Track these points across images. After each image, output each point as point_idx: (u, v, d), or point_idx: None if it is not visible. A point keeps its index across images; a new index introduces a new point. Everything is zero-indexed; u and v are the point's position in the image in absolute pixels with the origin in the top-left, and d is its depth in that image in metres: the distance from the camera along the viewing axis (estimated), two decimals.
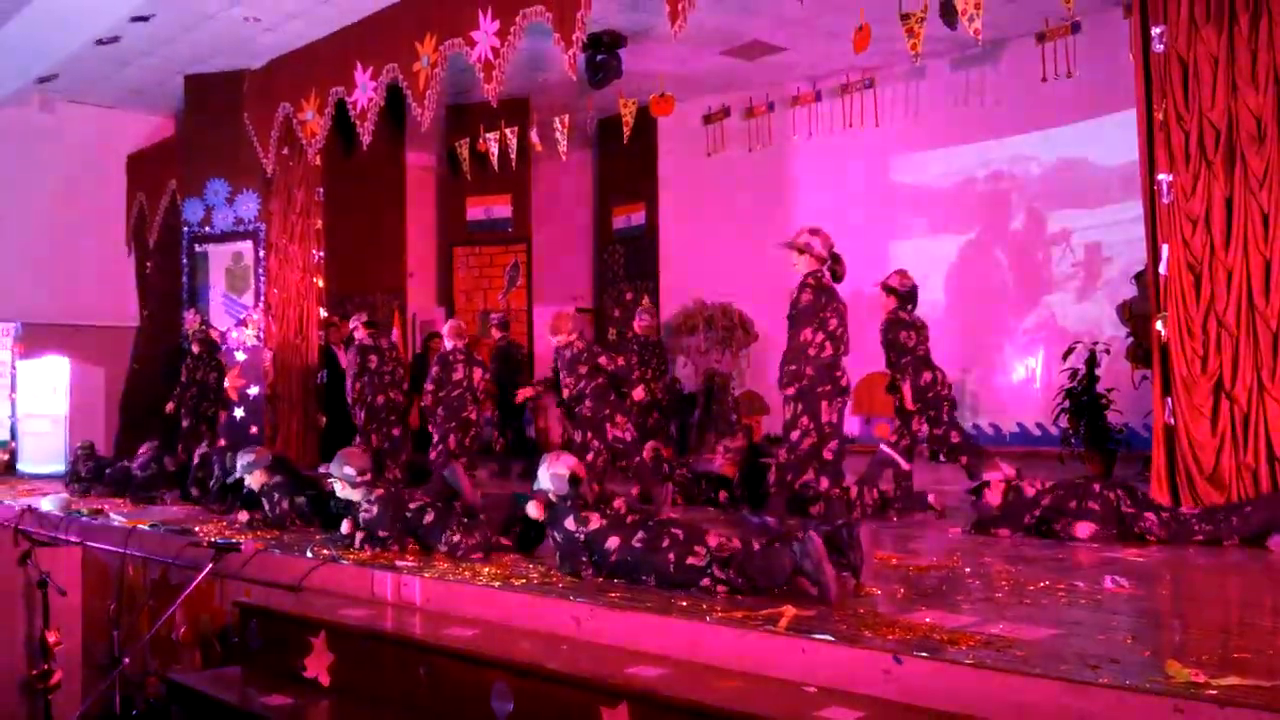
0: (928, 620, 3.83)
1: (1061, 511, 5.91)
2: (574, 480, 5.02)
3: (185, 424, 11.33)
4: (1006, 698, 3.11)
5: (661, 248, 15.57)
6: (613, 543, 4.78)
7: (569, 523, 4.92)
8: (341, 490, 6.06)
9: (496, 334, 12.14)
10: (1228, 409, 6.28)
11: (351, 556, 5.72)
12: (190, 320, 13.16)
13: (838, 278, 6.85)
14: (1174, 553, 5.42)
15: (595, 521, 4.88)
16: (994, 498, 6.17)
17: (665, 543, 4.64)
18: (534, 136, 13.07)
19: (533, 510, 5.16)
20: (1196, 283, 6.43)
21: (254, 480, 7.12)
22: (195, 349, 12.17)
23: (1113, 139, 10.88)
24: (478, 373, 9.67)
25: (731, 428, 12.11)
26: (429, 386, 9.57)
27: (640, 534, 4.73)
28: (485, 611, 4.75)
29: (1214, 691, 2.87)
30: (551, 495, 5.06)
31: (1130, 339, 9.79)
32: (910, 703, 3.29)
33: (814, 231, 6.88)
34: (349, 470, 6.04)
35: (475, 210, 15.60)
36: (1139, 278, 9.24)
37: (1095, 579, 4.58)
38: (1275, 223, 6.12)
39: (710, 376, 13.25)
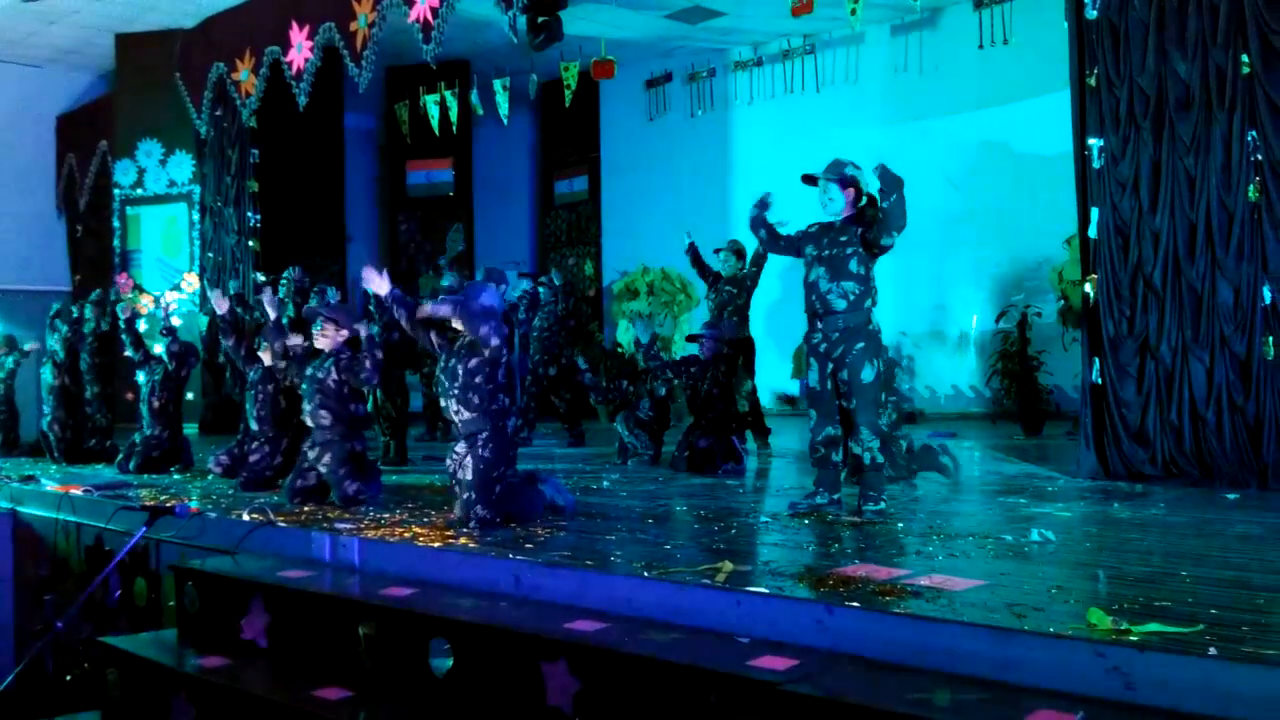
0: (860, 573, 3.91)
1: None
2: None
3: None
4: (936, 645, 3.19)
5: (604, 212, 15.56)
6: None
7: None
8: None
9: None
10: (1153, 368, 6.45)
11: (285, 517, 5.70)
12: (123, 284, 12.93)
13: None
14: (1099, 508, 5.57)
15: None
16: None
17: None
18: (474, 99, 12.95)
19: None
20: (1125, 245, 6.57)
21: None
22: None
23: (1047, 105, 11.01)
24: None
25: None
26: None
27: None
28: (423, 571, 4.75)
29: (1135, 638, 2.96)
30: None
31: (1061, 301, 10.00)
32: (843, 652, 3.36)
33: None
34: None
35: (416, 174, 15.45)
36: (1069, 241, 9.42)
37: (1022, 532, 4.70)
38: (1202, 187, 6.26)
39: (652, 340, 13.29)
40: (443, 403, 5.57)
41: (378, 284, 5.80)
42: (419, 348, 10.34)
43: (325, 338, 6.45)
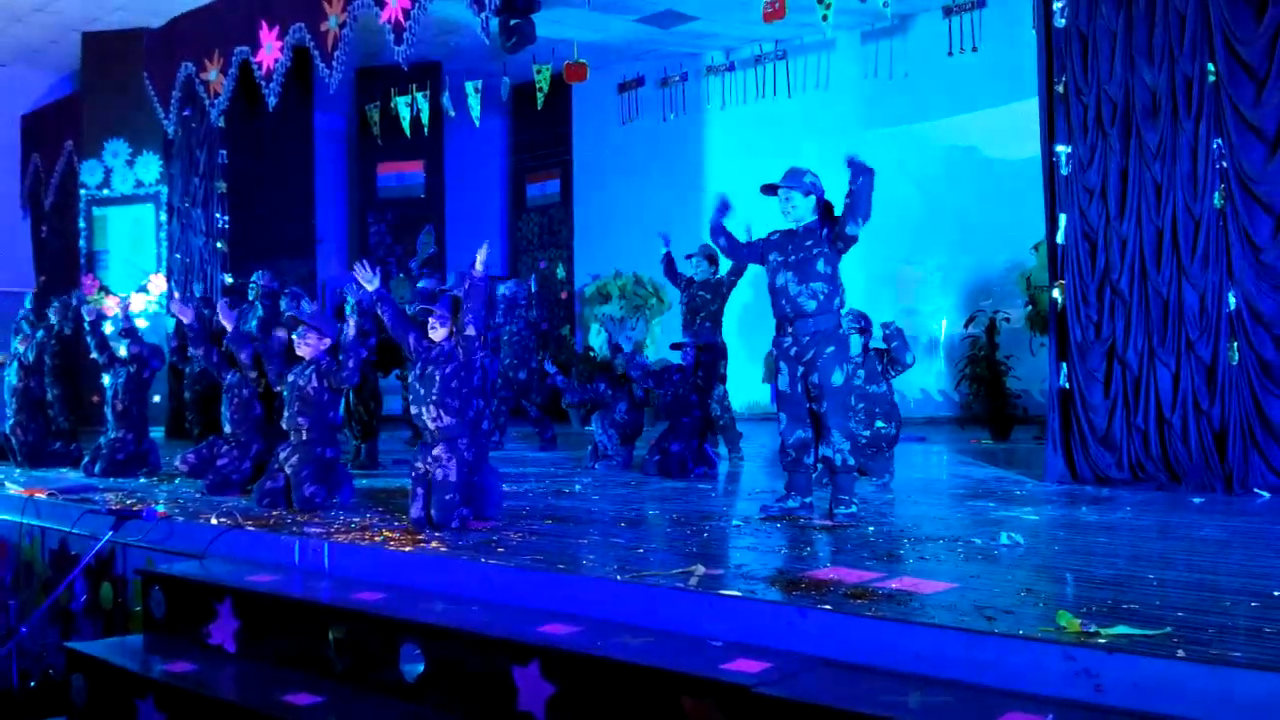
0: (832, 576, 3.92)
1: None
2: None
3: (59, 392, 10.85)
4: (907, 648, 3.21)
5: (576, 215, 15.55)
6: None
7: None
8: None
9: None
10: (1120, 373, 6.51)
11: (254, 522, 5.65)
12: (89, 286, 12.79)
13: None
14: (1067, 511, 5.62)
15: None
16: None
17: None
18: (446, 101, 12.92)
19: None
20: (1092, 251, 6.64)
21: None
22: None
23: (1015, 112, 11.11)
24: None
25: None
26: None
27: None
28: (394, 575, 4.73)
29: (1103, 640, 2.99)
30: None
31: (1029, 307, 10.08)
32: (815, 655, 3.37)
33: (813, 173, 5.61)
34: None
35: (387, 175, 15.39)
36: (1038, 247, 9.50)
37: (991, 535, 4.73)
38: (1168, 194, 6.33)
39: (634, 349, 13.33)
40: (414, 409, 5.58)
41: (367, 281, 5.84)
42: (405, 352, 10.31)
43: (307, 346, 6.47)
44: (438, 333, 5.56)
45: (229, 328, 7.10)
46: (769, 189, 5.59)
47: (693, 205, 13.97)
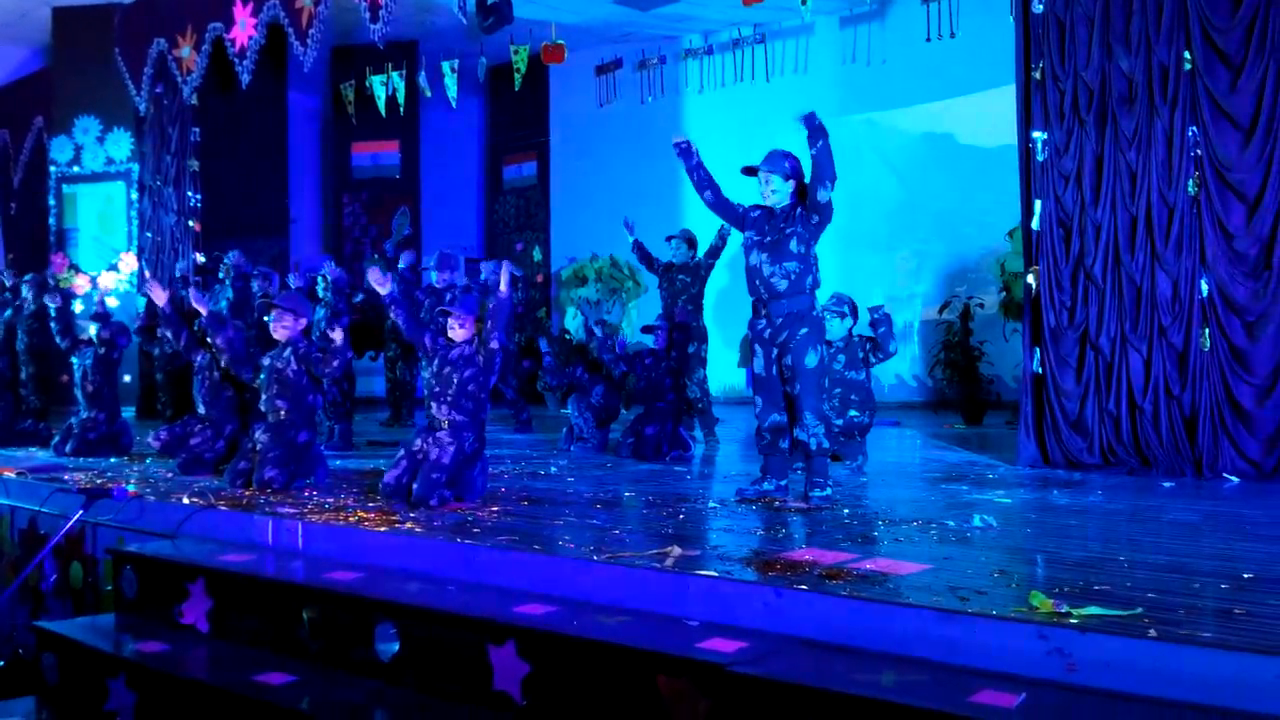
0: (808, 557, 3.94)
1: None
2: None
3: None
4: (882, 628, 3.23)
5: (553, 198, 15.50)
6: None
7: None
8: None
9: None
10: (1093, 359, 6.56)
11: (226, 501, 5.62)
12: (59, 264, 12.65)
13: None
14: (1039, 495, 5.66)
15: None
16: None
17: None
18: (422, 81, 12.83)
19: None
20: (1066, 237, 6.67)
21: None
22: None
23: (993, 98, 11.14)
24: None
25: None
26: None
27: None
28: (369, 555, 4.71)
29: (1075, 621, 3.01)
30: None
31: (1003, 293, 10.13)
32: (790, 634, 3.38)
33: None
34: None
35: (361, 155, 15.27)
36: (1012, 234, 9.55)
37: (964, 518, 4.76)
38: (1143, 181, 6.37)
39: (606, 336, 13.30)
40: (427, 403, 5.69)
41: (380, 285, 5.94)
42: (387, 329, 10.29)
43: (283, 328, 6.41)
44: (457, 333, 5.65)
45: (203, 311, 7.02)
46: (749, 171, 5.60)
47: (670, 189, 13.96)
